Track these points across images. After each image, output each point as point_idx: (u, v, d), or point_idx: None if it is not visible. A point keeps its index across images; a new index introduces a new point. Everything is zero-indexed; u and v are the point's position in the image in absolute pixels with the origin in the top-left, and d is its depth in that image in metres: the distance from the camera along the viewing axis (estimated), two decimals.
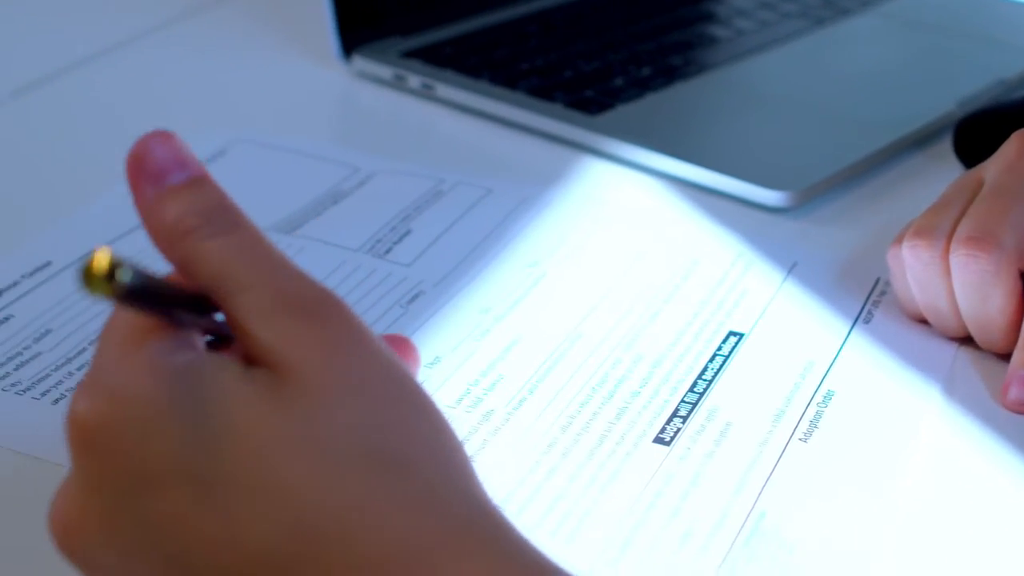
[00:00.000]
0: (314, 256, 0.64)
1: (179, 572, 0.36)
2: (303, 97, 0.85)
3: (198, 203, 0.40)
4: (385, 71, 0.84)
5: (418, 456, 0.37)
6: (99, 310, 0.59)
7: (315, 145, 0.77)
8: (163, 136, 0.41)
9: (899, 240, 0.59)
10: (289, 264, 0.39)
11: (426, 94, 0.83)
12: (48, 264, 0.63)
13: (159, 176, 0.40)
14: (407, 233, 0.66)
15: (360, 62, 0.86)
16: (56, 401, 0.54)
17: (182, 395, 0.36)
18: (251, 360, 0.37)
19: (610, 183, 0.73)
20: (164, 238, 0.39)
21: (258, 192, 0.71)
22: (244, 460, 0.36)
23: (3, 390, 0.54)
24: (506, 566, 0.36)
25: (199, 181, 0.40)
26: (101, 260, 0.34)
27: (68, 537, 0.38)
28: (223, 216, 0.40)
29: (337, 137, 0.81)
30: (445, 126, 0.80)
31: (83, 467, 0.37)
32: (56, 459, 0.50)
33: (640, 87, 0.81)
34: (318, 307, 0.38)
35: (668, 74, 0.84)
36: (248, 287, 0.38)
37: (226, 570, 0.36)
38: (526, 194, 0.70)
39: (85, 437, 0.37)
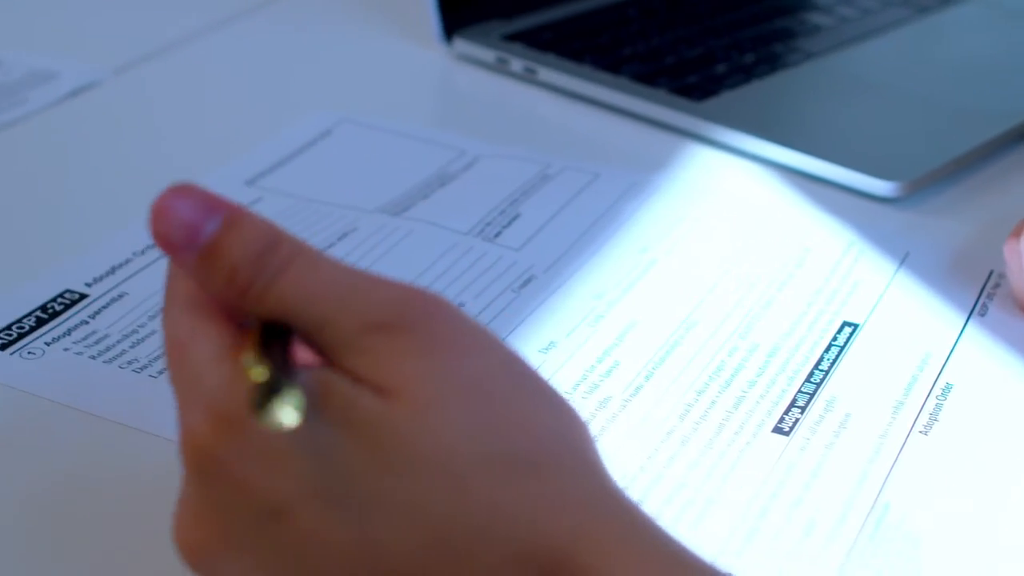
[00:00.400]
0: (423, 238, 0.64)
1: None
2: (404, 79, 0.85)
3: (242, 250, 0.37)
4: (487, 54, 0.84)
5: (545, 453, 0.36)
6: None
7: (419, 127, 0.77)
8: (179, 190, 0.38)
9: (1016, 233, 0.58)
10: (356, 277, 0.37)
11: (528, 78, 0.83)
12: None
13: (191, 234, 0.38)
14: (516, 217, 0.66)
15: (461, 45, 0.85)
16: None
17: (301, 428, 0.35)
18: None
19: (716, 170, 0.73)
20: (227, 302, 0.38)
21: (364, 173, 0.71)
22: (372, 478, 0.35)
23: (120, 367, 0.54)
24: (648, 559, 0.36)
25: (234, 221, 0.38)
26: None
27: (196, 556, 0.37)
28: (272, 254, 0.37)
29: (438, 119, 0.81)
30: (547, 110, 0.80)
31: (206, 494, 0.37)
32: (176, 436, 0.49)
33: (744, 74, 0.81)
34: (401, 318, 0.37)
35: (771, 61, 0.83)
36: (324, 323, 0.37)
37: None
38: (634, 180, 0.70)
39: (206, 465, 0.36)
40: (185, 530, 0.37)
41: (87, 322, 0.57)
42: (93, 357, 0.55)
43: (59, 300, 0.58)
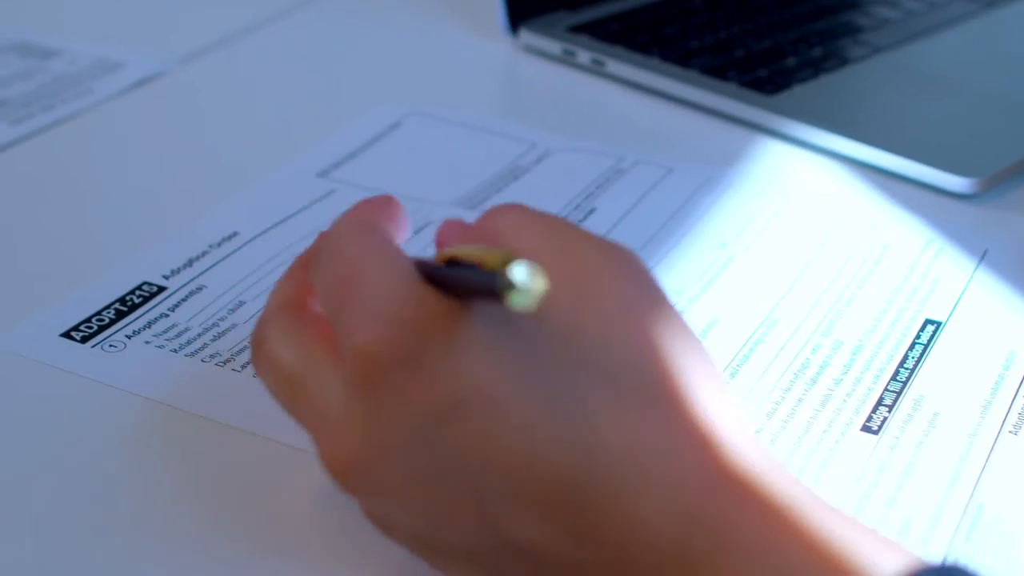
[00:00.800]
0: None
1: (473, 499, 0.37)
2: (470, 71, 0.84)
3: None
4: (553, 46, 0.83)
5: (699, 397, 0.38)
6: None
7: (487, 119, 0.76)
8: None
9: None
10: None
11: (595, 70, 0.82)
12: (235, 234, 0.63)
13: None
14: (591, 211, 0.66)
15: (527, 36, 0.85)
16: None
17: (476, 322, 0.37)
18: None
19: (790, 165, 0.72)
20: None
21: (436, 166, 0.71)
22: (542, 383, 0.36)
23: (203, 361, 0.54)
24: (799, 502, 0.37)
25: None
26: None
27: (354, 476, 0.38)
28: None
29: (505, 111, 0.81)
30: (614, 102, 0.79)
31: (373, 401, 0.37)
32: (262, 431, 0.50)
33: (813, 68, 0.80)
34: (611, 247, 0.40)
35: (839, 56, 0.82)
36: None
37: (520, 496, 0.36)
38: (708, 174, 0.69)
39: (377, 371, 0.37)
40: (338, 447, 0.38)
41: (167, 315, 0.56)
42: (175, 351, 0.54)
43: (137, 293, 0.58)
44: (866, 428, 0.51)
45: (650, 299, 0.40)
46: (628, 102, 0.80)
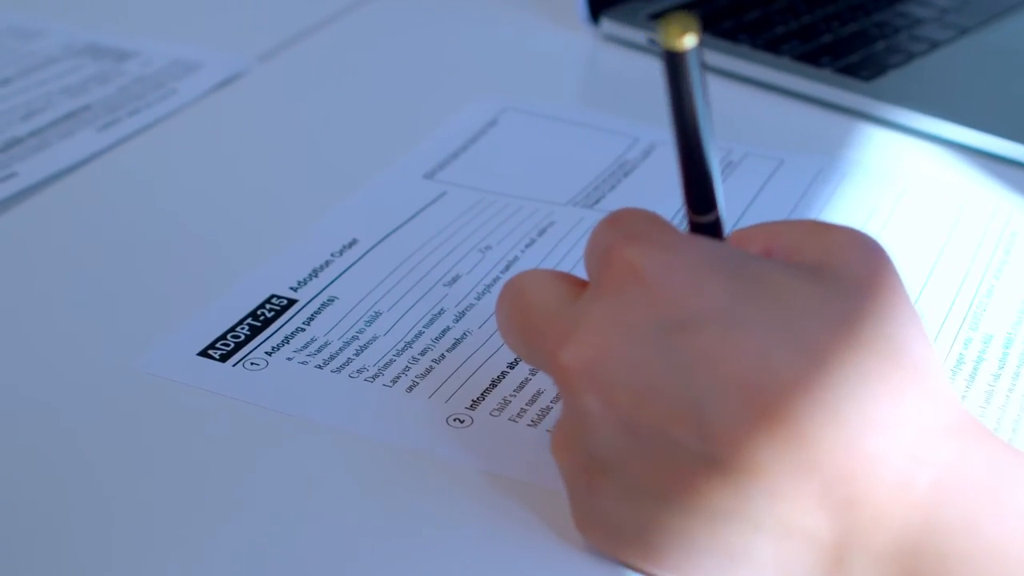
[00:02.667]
0: None
1: (695, 411, 0.38)
2: (554, 62, 0.83)
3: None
4: (637, 35, 0.82)
5: (927, 359, 0.40)
6: (423, 290, 0.59)
7: (585, 113, 0.75)
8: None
9: None
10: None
11: None
12: (355, 242, 0.61)
13: None
14: None
15: (609, 25, 0.83)
16: (410, 389, 0.52)
17: (727, 253, 0.40)
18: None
19: (898, 152, 0.71)
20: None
21: (543, 164, 0.69)
22: (778, 313, 0.39)
23: (350, 376, 0.52)
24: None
25: None
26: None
27: (593, 370, 0.40)
28: None
29: (596, 104, 0.79)
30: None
31: (613, 306, 0.40)
32: (416, 446, 0.49)
33: (904, 53, 0.79)
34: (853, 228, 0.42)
35: (928, 39, 0.81)
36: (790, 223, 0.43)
37: (745, 416, 0.38)
38: (820, 165, 0.68)
39: (638, 277, 0.39)
40: (585, 345, 0.40)
41: (303, 329, 0.55)
42: (320, 366, 0.53)
43: (268, 306, 0.56)
44: None
45: (887, 276, 0.42)
46: (719, 91, 0.78)
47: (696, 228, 0.43)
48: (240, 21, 0.87)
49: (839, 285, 0.41)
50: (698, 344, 0.38)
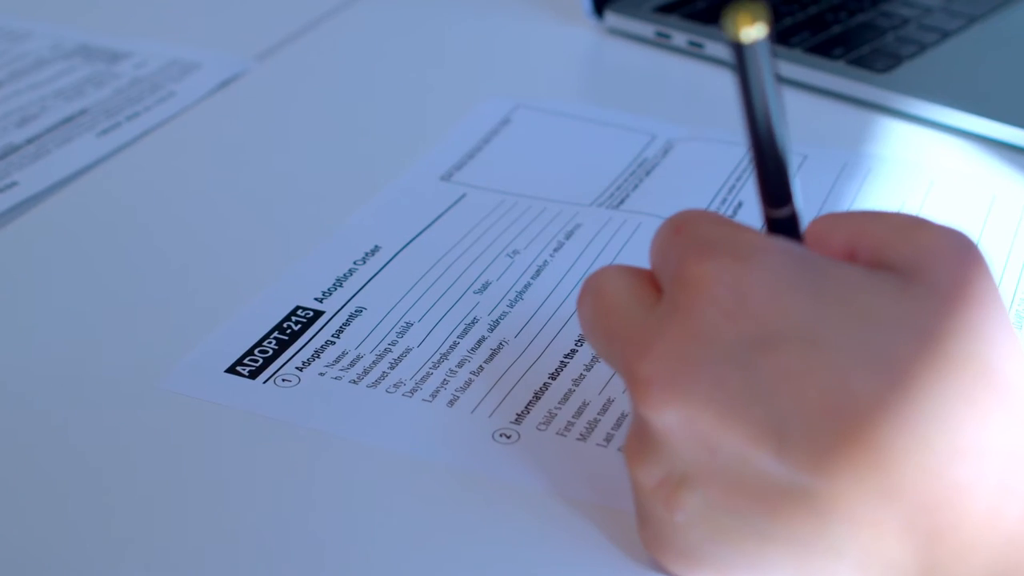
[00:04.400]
0: (653, 233, 0.59)
1: (774, 432, 0.37)
2: (559, 57, 0.81)
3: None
4: (644, 28, 0.80)
5: (1017, 382, 0.38)
6: (453, 299, 0.57)
7: (598, 111, 0.73)
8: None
9: None
10: None
11: (692, 52, 0.79)
12: (377, 248, 0.59)
13: None
14: (739, 206, 0.63)
15: (613, 19, 0.82)
16: (451, 404, 0.50)
17: (807, 263, 0.38)
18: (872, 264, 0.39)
19: (920, 145, 0.70)
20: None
21: (561, 163, 0.68)
22: (861, 329, 0.37)
23: (387, 392, 0.50)
24: None
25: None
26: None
27: (673, 386, 0.38)
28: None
29: (605, 100, 0.77)
30: (717, 86, 0.76)
31: (693, 319, 0.38)
32: (465, 464, 0.48)
33: (916, 43, 0.77)
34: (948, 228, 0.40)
35: (938, 28, 0.80)
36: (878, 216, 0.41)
37: (824, 437, 0.36)
38: (845, 160, 0.66)
39: (714, 292, 0.38)
40: (654, 357, 0.38)
41: (332, 342, 0.53)
42: (354, 381, 0.51)
43: (294, 319, 0.54)
44: None
45: (981, 285, 0.39)
46: (729, 84, 0.75)
47: (772, 224, 0.41)
48: (233, 19, 0.85)
49: (927, 297, 0.39)
50: (778, 363, 0.37)
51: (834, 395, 0.37)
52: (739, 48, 0.38)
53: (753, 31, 0.37)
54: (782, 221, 0.41)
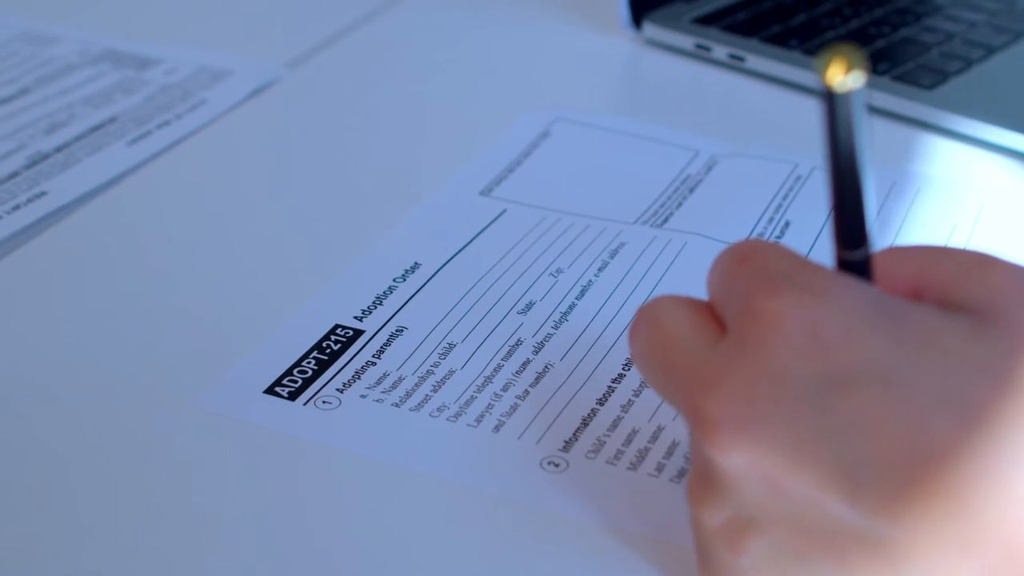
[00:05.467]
0: (701, 253, 0.59)
1: (846, 476, 0.35)
2: (597, 69, 0.80)
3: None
4: (684, 40, 0.78)
5: None
6: (496, 319, 0.55)
7: (639, 124, 0.71)
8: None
9: None
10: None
11: (732, 65, 0.77)
12: (417, 266, 0.58)
13: None
14: (787, 225, 0.61)
15: (651, 30, 0.80)
16: (496, 429, 0.48)
17: (882, 303, 0.37)
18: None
19: (970, 164, 0.69)
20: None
21: (602, 178, 0.66)
22: (938, 372, 0.36)
23: (431, 416, 0.49)
24: None
25: None
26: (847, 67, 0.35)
27: (742, 427, 0.37)
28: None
29: (641, 112, 0.75)
30: (757, 100, 0.75)
31: (761, 357, 0.37)
32: (512, 494, 0.46)
33: (962, 59, 0.76)
34: (1017, 266, 0.39)
35: (983, 44, 0.79)
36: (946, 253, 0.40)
37: (901, 484, 0.35)
38: (893, 178, 0.65)
39: (786, 329, 0.36)
40: (719, 398, 0.37)
41: (373, 363, 0.51)
42: (396, 404, 0.49)
43: (333, 338, 0.53)
44: None
45: None
46: (770, 99, 0.75)
47: (843, 265, 0.39)
48: (263, 25, 0.84)
49: (1003, 338, 0.37)
50: (853, 405, 0.36)
51: (911, 439, 0.36)
52: (831, 96, 0.36)
53: (849, 80, 0.36)
54: (854, 264, 0.40)
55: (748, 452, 0.37)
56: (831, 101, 0.36)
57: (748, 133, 0.70)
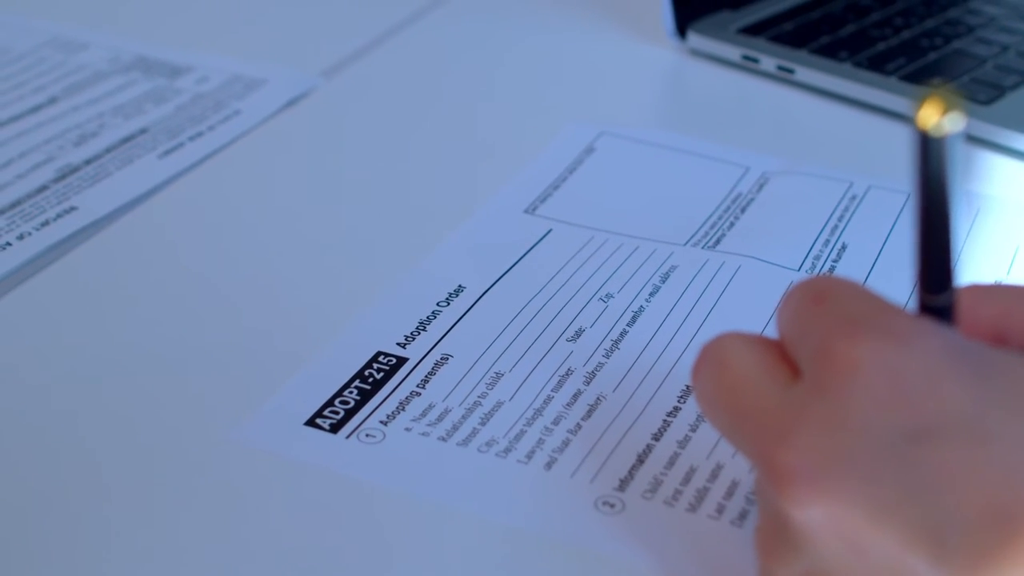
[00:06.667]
0: (755, 277, 0.56)
1: (932, 535, 0.34)
2: (638, 79, 0.78)
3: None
4: (730, 51, 0.76)
5: None
6: (545, 347, 0.53)
7: (686, 139, 0.69)
8: None
9: None
10: None
11: (781, 77, 0.75)
12: (461, 289, 0.56)
13: None
14: (844, 248, 0.59)
15: (696, 40, 0.78)
16: (548, 466, 0.46)
17: (968, 350, 0.35)
18: None
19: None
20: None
21: (650, 197, 0.64)
22: None
23: (479, 451, 0.47)
24: None
25: None
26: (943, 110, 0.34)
27: (819, 480, 0.35)
28: None
29: (687, 125, 0.73)
30: (807, 114, 0.73)
31: (839, 405, 0.35)
32: (567, 537, 0.44)
33: (1018, 73, 0.74)
34: None
35: None
36: None
37: (994, 544, 0.33)
38: None
39: (868, 376, 0.35)
40: (793, 449, 0.35)
41: (418, 393, 0.49)
42: (443, 438, 0.47)
43: (376, 366, 0.50)
44: None
45: None
46: (822, 113, 0.72)
47: (926, 309, 0.37)
48: (296, 33, 0.82)
49: None
50: (939, 458, 0.34)
51: (999, 495, 0.34)
52: (926, 138, 0.34)
53: (946, 123, 0.34)
54: (937, 309, 0.38)
55: (826, 507, 0.35)
56: (924, 143, 0.34)
57: (799, 149, 0.68)
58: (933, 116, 0.34)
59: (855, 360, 0.36)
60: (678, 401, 0.49)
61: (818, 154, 0.67)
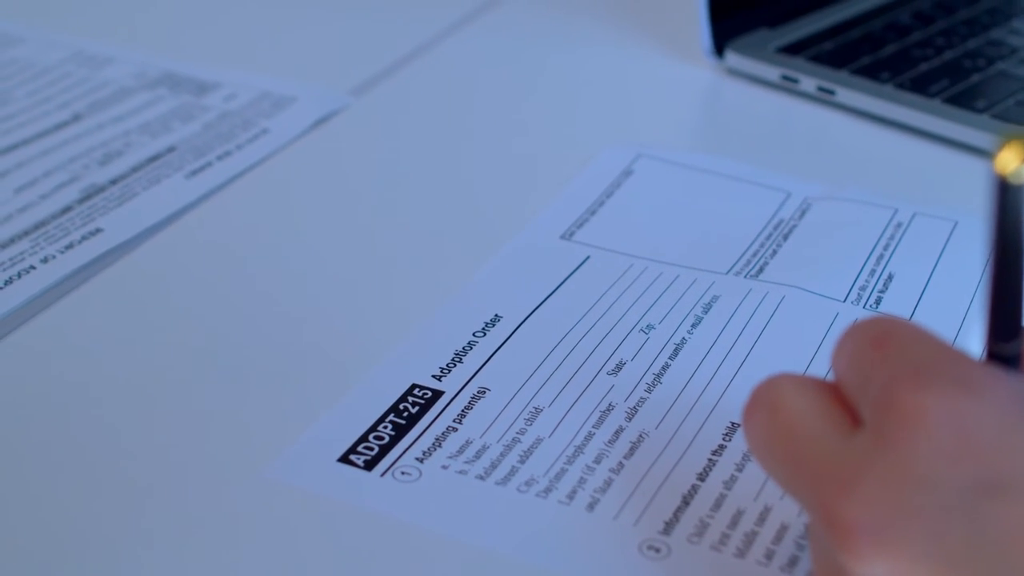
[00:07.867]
0: (800, 308, 0.55)
1: None
2: (675, 99, 0.76)
3: None
4: (769, 71, 0.74)
5: None
6: (585, 380, 0.51)
7: (724, 161, 0.68)
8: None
9: None
10: None
11: (821, 98, 0.73)
12: (498, 318, 0.54)
13: None
14: (890, 278, 0.57)
15: (734, 59, 0.76)
16: (590, 507, 0.44)
17: None
18: None
19: None
20: None
21: (690, 223, 0.63)
22: None
23: (519, 491, 0.45)
24: None
25: None
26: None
27: (883, 535, 0.34)
28: None
29: (725, 148, 0.71)
30: (848, 136, 0.71)
31: (904, 456, 0.34)
32: None
33: None
34: None
35: None
36: None
37: None
38: None
39: (933, 427, 0.34)
40: (854, 501, 0.34)
41: (455, 428, 0.47)
42: (481, 477, 0.45)
43: (411, 399, 0.49)
44: None
45: None
46: (864, 136, 0.71)
47: (994, 357, 0.36)
48: (325, 50, 0.80)
49: None
50: (1007, 514, 0.33)
51: None
52: (1003, 184, 0.33)
53: None
54: (1007, 356, 0.37)
55: (890, 563, 0.34)
56: (1002, 189, 0.33)
57: (840, 173, 0.66)
58: (1012, 162, 0.33)
59: (921, 409, 0.34)
60: (723, 439, 0.48)
61: (860, 178, 0.65)
